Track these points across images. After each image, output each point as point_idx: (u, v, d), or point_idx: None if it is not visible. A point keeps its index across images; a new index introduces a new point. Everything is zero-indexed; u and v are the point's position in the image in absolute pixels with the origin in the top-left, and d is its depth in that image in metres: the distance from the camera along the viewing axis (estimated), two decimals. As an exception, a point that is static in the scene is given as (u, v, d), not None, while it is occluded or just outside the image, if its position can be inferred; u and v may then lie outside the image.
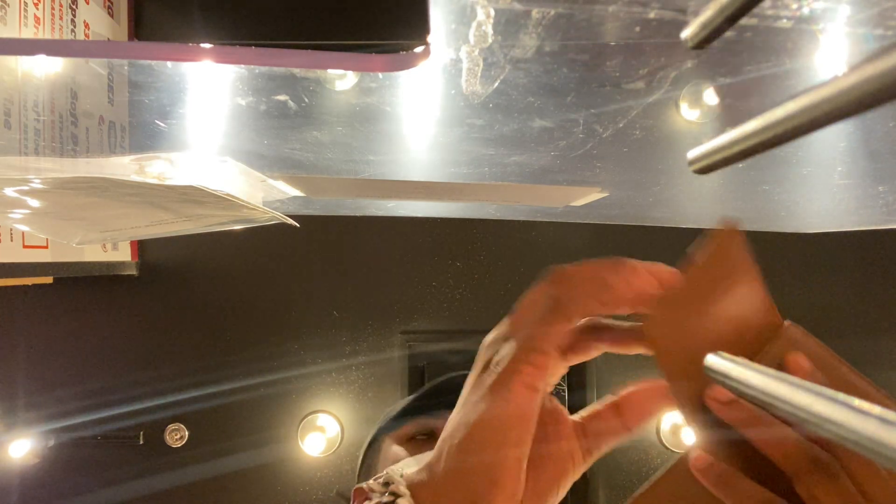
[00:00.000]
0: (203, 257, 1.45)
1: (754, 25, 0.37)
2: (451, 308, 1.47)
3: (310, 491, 1.44)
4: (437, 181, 0.75)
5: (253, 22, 0.84)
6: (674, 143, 0.63)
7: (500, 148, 0.61)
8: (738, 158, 0.21)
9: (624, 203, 0.91)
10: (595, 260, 0.33)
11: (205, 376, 1.43)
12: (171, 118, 0.54)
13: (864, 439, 0.17)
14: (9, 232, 0.88)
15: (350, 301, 1.46)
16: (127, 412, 1.41)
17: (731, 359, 0.28)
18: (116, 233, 0.72)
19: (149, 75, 0.46)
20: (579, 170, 0.69)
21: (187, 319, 1.45)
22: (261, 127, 0.55)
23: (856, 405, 0.18)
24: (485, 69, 0.42)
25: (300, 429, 1.42)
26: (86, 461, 1.41)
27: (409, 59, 0.37)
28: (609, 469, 1.46)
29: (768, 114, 0.19)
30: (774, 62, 0.44)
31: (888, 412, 0.17)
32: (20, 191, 0.54)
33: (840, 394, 0.19)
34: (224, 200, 0.57)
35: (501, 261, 1.47)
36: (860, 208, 0.95)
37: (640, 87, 0.49)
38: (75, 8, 0.84)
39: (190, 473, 1.42)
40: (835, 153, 0.66)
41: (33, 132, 0.67)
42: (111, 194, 0.57)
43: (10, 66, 0.61)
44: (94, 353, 1.43)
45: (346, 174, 0.71)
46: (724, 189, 0.85)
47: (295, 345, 1.45)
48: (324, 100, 0.51)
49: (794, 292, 1.45)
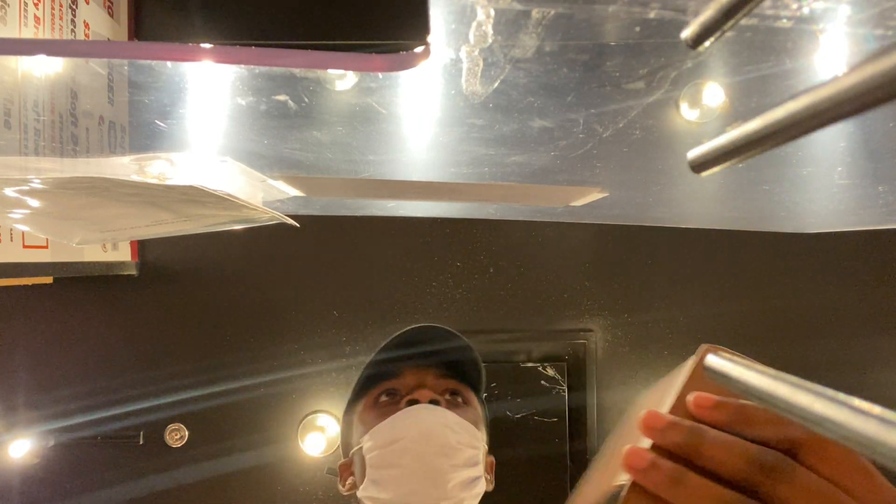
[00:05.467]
0: (203, 257, 1.45)
1: (754, 25, 0.37)
2: (451, 308, 1.47)
3: (310, 491, 1.44)
4: (437, 181, 0.75)
5: (253, 22, 0.84)
6: (674, 143, 0.63)
7: (500, 148, 0.61)
8: (737, 158, 0.21)
9: (624, 203, 0.91)
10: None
11: (205, 376, 1.43)
12: (171, 118, 0.54)
13: (864, 439, 0.17)
14: (9, 232, 0.88)
15: (350, 301, 1.46)
16: (127, 412, 1.41)
17: (732, 359, 0.28)
18: (116, 233, 0.72)
19: (149, 75, 0.46)
20: (579, 170, 0.69)
21: (187, 319, 1.45)
22: (261, 127, 0.55)
23: (856, 405, 0.18)
24: (485, 69, 0.42)
25: (300, 429, 1.42)
26: (86, 461, 1.41)
27: (409, 59, 0.37)
28: (609, 469, 1.46)
29: (768, 114, 0.18)
30: (774, 62, 0.44)
31: (888, 412, 0.17)
32: (20, 191, 0.54)
33: (840, 394, 0.19)
34: (224, 200, 0.57)
35: (501, 261, 1.47)
36: (860, 208, 0.95)
37: (640, 87, 0.49)
38: (75, 8, 0.84)
39: (190, 473, 1.42)
40: (835, 153, 0.66)
41: (33, 132, 0.67)
42: (111, 194, 0.57)
43: (10, 66, 0.61)
44: (94, 353, 1.43)
45: (346, 174, 0.71)
46: (724, 189, 0.85)
47: (295, 345, 1.45)
48: (324, 100, 0.51)
49: (794, 292, 1.46)
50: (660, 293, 1.47)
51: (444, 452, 0.69)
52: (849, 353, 1.47)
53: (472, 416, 0.77)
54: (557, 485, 1.43)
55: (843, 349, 1.46)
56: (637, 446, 0.31)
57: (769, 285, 1.46)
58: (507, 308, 1.47)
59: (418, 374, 0.80)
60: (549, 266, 1.48)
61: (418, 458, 0.68)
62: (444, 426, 0.71)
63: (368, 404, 0.79)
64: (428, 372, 0.80)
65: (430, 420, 0.71)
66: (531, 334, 1.47)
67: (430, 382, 0.79)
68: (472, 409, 0.79)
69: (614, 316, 1.48)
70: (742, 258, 1.47)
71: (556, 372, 1.44)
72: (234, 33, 0.84)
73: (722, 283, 1.47)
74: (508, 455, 1.38)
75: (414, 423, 0.71)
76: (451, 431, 0.71)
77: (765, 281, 1.46)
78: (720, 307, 1.46)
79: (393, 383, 0.79)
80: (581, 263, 1.48)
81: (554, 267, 1.48)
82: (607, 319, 1.48)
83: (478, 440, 0.74)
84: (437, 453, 0.69)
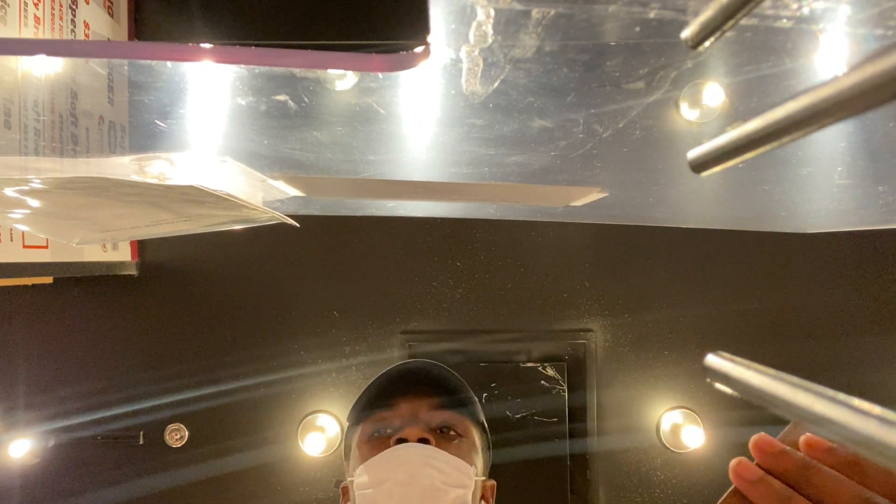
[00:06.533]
0: (203, 257, 1.45)
1: (754, 25, 0.37)
2: (451, 308, 1.47)
3: (310, 491, 1.44)
4: (437, 181, 0.75)
5: (253, 22, 0.84)
6: (674, 143, 0.63)
7: (500, 148, 0.61)
8: (737, 158, 0.21)
9: (624, 203, 0.91)
10: None
11: (205, 376, 1.43)
12: (171, 118, 0.54)
13: (864, 439, 0.17)
14: (9, 232, 0.88)
15: (350, 301, 1.46)
16: (127, 412, 1.41)
17: (732, 359, 0.28)
18: (116, 233, 0.72)
19: (149, 75, 0.46)
20: (579, 170, 0.69)
21: (187, 319, 1.45)
22: (261, 127, 0.55)
23: (855, 405, 0.18)
24: (485, 69, 0.42)
25: (300, 429, 1.42)
26: (86, 461, 1.41)
27: (409, 59, 0.37)
28: (609, 469, 1.46)
29: (768, 114, 0.18)
30: (774, 62, 0.44)
31: (888, 412, 0.17)
32: (20, 191, 0.54)
33: (840, 394, 0.19)
34: (224, 200, 0.57)
35: (501, 261, 1.48)
36: (860, 208, 0.95)
37: (640, 87, 0.49)
38: (75, 8, 0.84)
39: (190, 473, 1.42)
40: (835, 153, 0.66)
41: (33, 132, 0.67)
42: (111, 194, 0.57)
43: (10, 66, 0.61)
44: (94, 353, 1.43)
45: (346, 174, 0.71)
46: (724, 189, 0.85)
47: (295, 345, 1.45)
48: (324, 100, 0.51)
49: (794, 292, 1.46)
50: (660, 293, 1.47)
51: (428, 495, 0.70)
52: (849, 353, 1.47)
53: (465, 449, 0.78)
54: (557, 485, 1.43)
55: (843, 349, 1.47)
56: (745, 459, 0.33)
57: (769, 285, 1.46)
58: (507, 308, 1.47)
59: (412, 405, 0.81)
60: (549, 266, 1.48)
61: (403, 500, 0.69)
62: (431, 467, 0.72)
63: (363, 437, 0.81)
64: (422, 403, 0.81)
65: (416, 461, 0.72)
66: (531, 334, 1.47)
67: (423, 415, 0.80)
68: (466, 440, 0.80)
69: (614, 316, 1.48)
70: (742, 258, 1.47)
71: (556, 372, 1.44)
72: (234, 33, 0.84)
73: (722, 283, 1.47)
74: (508, 455, 1.38)
75: (399, 464, 0.72)
76: (438, 472, 0.72)
77: (765, 281, 1.46)
78: (720, 307, 1.46)
79: (387, 414, 0.81)
80: (581, 263, 1.48)
81: (554, 267, 1.48)
82: (607, 319, 1.48)
83: (468, 477, 0.75)
84: (422, 496, 0.70)
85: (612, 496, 1.46)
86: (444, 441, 0.78)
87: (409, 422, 0.78)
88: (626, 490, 1.46)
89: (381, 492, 0.71)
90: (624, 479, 1.46)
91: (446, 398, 0.82)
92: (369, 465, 0.74)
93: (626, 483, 1.46)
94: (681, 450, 1.42)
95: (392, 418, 0.80)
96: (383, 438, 0.78)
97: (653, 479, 1.46)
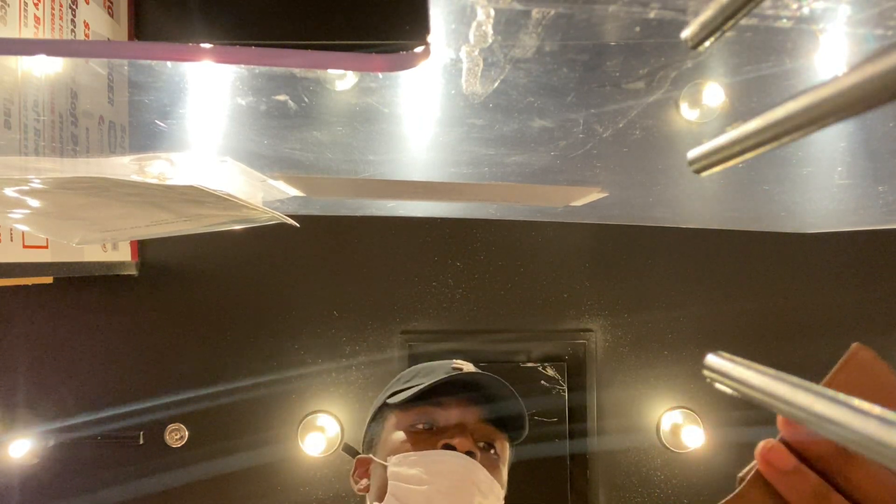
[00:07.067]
0: (203, 257, 1.46)
1: (754, 25, 0.37)
2: (451, 308, 1.47)
3: (310, 491, 1.44)
4: (437, 181, 0.75)
5: (253, 22, 0.84)
6: (674, 143, 0.63)
7: (500, 148, 0.61)
8: (737, 158, 0.21)
9: (624, 203, 0.91)
10: None
11: (205, 376, 1.43)
12: (171, 118, 0.54)
13: (864, 439, 0.17)
14: (9, 232, 0.88)
15: (350, 301, 1.46)
16: (127, 412, 1.41)
17: (732, 358, 0.28)
18: (116, 233, 0.72)
19: (149, 75, 0.46)
20: (579, 170, 0.69)
21: (187, 319, 1.45)
22: (261, 127, 0.55)
23: (855, 405, 0.18)
24: (485, 69, 0.42)
25: (300, 429, 1.42)
26: (86, 461, 1.41)
27: (409, 59, 0.37)
28: (609, 469, 1.46)
29: (768, 114, 0.18)
30: (774, 62, 0.44)
31: (888, 412, 0.17)
32: (20, 191, 0.54)
33: (840, 394, 0.19)
34: (224, 200, 0.57)
35: (501, 261, 1.48)
36: (860, 208, 0.95)
37: (640, 87, 0.49)
38: (75, 8, 0.84)
39: (190, 473, 1.42)
40: (835, 153, 0.66)
41: (33, 132, 0.67)
42: (111, 194, 0.57)
43: (10, 66, 0.61)
44: (95, 353, 1.43)
45: (346, 174, 0.71)
46: (724, 189, 0.85)
47: (295, 345, 1.45)
48: (324, 100, 0.51)
49: (794, 292, 1.46)
50: (660, 293, 1.47)
51: None
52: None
53: (501, 471, 0.78)
54: (557, 485, 1.43)
55: (842, 349, 1.46)
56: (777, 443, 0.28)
57: (769, 285, 1.46)
58: (507, 308, 1.47)
59: (462, 411, 0.78)
60: (549, 266, 1.48)
61: None
62: (474, 485, 0.71)
63: (405, 422, 0.78)
64: (471, 412, 0.79)
65: (461, 474, 0.71)
66: (531, 334, 1.47)
67: (470, 424, 0.78)
68: (500, 460, 0.79)
69: (614, 316, 1.48)
70: (742, 258, 1.47)
71: (556, 372, 1.44)
72: (234, 33, 0.84)
73: (722, 283, 1.47)
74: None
75: (442, 472, 0.71)
76: (478, 492, 0.71)
77: (765, 281, 1.46)
78: (720, 307, 1.46)
79: (436, 412, 0.78)
80: (581, 263, 1.48)
81: (554, 267, 1.48)
82: (607, 319, 1.48)
83: (499, 500, 0.75)
84: None
85: (612, 496, 1.46)
86: (486, 459, 0.76)
87: (458, 430, 0.76)
88: (626, 490, 1.46)
89: (419, 492, 0.70)
90: (624, 478, 1.46)
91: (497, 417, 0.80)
92: (414, 461, 0.72)
93: (626, 483, 1.46)
94: (681, 450, 1.42)
95: (440, 418, 0.78)
96: (426, 433, 0.76)
97: (653, 479, 1.46)
